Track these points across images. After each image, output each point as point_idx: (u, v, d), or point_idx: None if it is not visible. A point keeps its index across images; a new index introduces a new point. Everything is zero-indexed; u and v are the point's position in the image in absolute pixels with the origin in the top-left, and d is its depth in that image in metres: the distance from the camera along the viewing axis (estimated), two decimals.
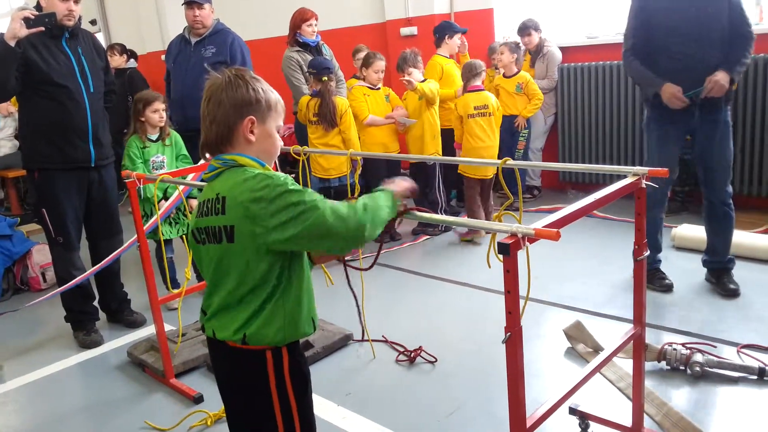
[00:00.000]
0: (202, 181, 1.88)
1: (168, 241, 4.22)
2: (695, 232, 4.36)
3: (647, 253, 2.25)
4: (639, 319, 2.29)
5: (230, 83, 1.69)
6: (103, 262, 3.70)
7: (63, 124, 3.54)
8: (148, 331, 3.85)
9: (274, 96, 1.77)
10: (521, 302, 1.68)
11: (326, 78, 4.78)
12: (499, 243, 1.62)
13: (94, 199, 3.77)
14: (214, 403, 2.99)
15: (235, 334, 1.67)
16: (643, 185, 2.13)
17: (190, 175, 3.45)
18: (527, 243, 1.62)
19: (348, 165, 4.73)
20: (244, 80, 1.70)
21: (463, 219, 2.17)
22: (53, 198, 3.61)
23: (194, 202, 3.91)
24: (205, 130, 1.73)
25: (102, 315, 4.03)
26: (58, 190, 3.61)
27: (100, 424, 2.98)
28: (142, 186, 3.48)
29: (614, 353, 2.22)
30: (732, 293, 3.63)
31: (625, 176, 2.15)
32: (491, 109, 4.93)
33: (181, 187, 3.47)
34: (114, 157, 3.89)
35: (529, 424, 1.81)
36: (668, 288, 3.77)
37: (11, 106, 6.81)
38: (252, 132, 1.71)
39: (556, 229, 1.60)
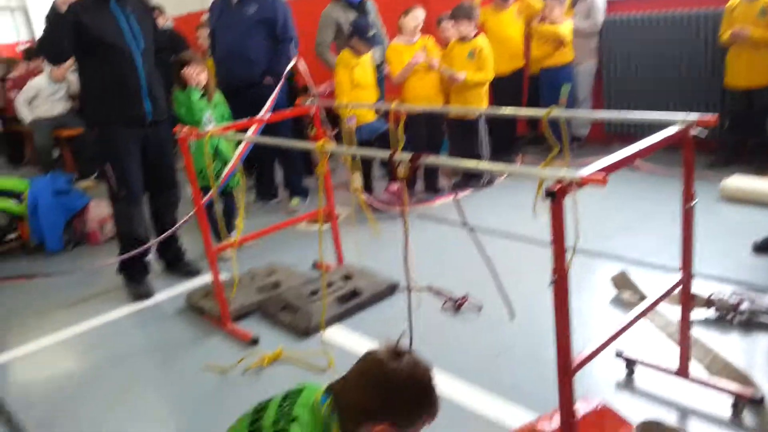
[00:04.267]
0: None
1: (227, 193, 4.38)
2: (745, 183, 4.28)
3: (696, 200, 2.25)
4: (687, 264, 2.31)
5: (395, 383, 1.48)
6: (170, 231, 3.89)
7: (119, 83, 3.67)
8: (201, 281, 4.02)
9: (432, 408, 1.55)
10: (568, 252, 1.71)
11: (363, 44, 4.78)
12: (546, 189, 1.65)
13: (152, 154, 3.89)
14: (269, 344, 3.14)
15: None
16: (693, 133, 2.12)
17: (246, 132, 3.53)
18: (574, 189, 1.65)
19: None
20: (419, 386, 1.51)
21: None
22: (115, 153, 3.75)
23: None
24: (342, 387, 1.55)
25: (156, 266, 4.22)
26: (120, 146, 3.74)
27: (162, 365, 3.17)
28: (194, 141, 3.58)
29: (661, 298, 2.25)
30: None
31: (673, 124, 2.13)
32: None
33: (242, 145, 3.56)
34: (168, 114, 4.01)
35: (574, 364, 1.86)
36: None
37: (65, 71, 7.02)
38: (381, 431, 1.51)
39: (603, 175, 1.63)
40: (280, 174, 5.54)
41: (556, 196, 1.62)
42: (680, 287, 2.34)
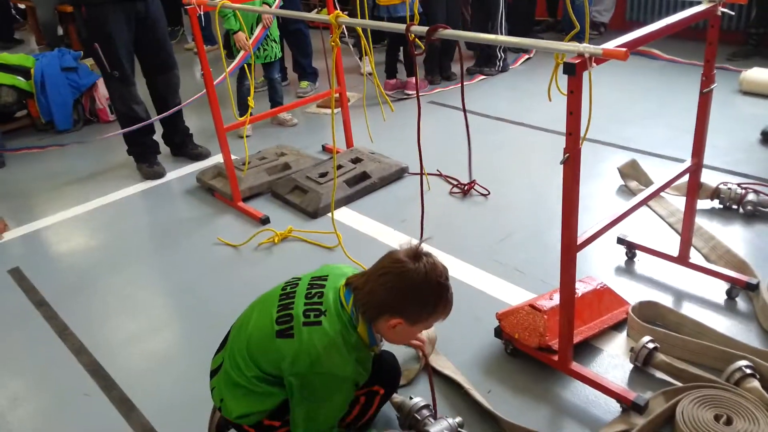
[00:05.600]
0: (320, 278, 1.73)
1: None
2: (765, 76, 4.17)
3: (714, 84, 2.20)
4: (698, 151, 2.29)
5: (412, 282, 1.56)
6: (172, 110, 3.82)
7: None
8: (211, 162, 4.04)
9: (445, 307, 1.64)
10: (582, 127, 1.70)
11: None
12: (565, 63, 1.61)
13: (144, 33, 3.75)
14: (279, 224, 3.21)
15: None
16: (719, 12, 2.04)
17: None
18: (593, 64, 1.61)
19: None
20: (435, 287, 1.58)
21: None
22: (103, 32, 3.62)
23: None
24: (363, 283, 1.61)
25: (165, 149, 4.21)
26: (108, 24, 3.60)
27: (176, 239, 3.26)
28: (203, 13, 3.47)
29: (669, 183, 2.25)
30: None
31: (699, 2, 2.05)
32: None
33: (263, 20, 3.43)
34: None
35: (579, 242, 1.89)
36: None
37: None
38: (394, 327, 1.60)
39: (624, 50, 1.58)
40: (288, 57, 5.42)
41: (575, 70, 1.58)
42: (689, 174, 2.34)
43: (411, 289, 1.56)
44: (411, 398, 1.94)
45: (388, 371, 1.83)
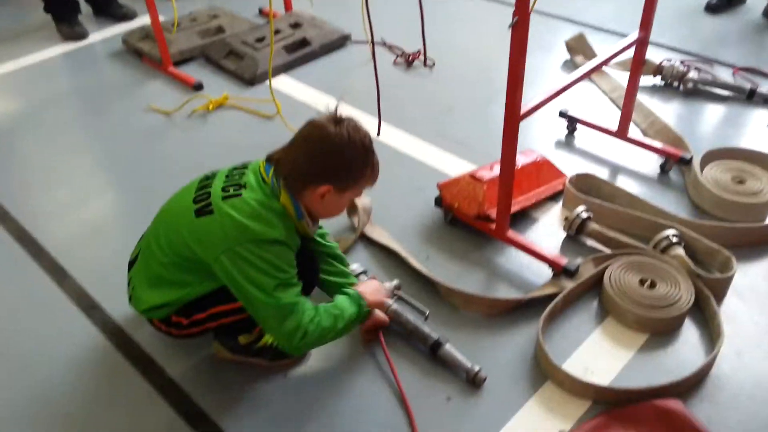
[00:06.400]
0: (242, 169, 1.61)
1: None
2: None
3: None
4: (646, 24, 2.25)
5: (335, 146, 1.49)
6: None
7: None
8: (137, 24, 3.74)
9: (373, 171, 1.58)
10: None
11: None
12: None
13: None
14: (214, 91, 3.05)
15: None
16: None
17: None
18: None
19: None
20: (360, 149, 1.52)
21: None
22: None
23: None
24: (284, 154, 1.54)
25: (86, 9, 3.87)
26: None
27: (102, 106, 3.06)
28: None
29: (614, 56, 2.22)
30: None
31: None
32: None
33: None
34: None
35: (522, 111, 1.86)
36: None
37: None
38: (322, 196, 1.53)
39: None
40: None
41: None
42: (635, 47, 2.31)
43: (335, 153, 1.50)
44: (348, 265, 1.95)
45: (302, 269, 1.62)
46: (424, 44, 3.21)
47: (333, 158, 1.50)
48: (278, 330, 1.52)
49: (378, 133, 2.34)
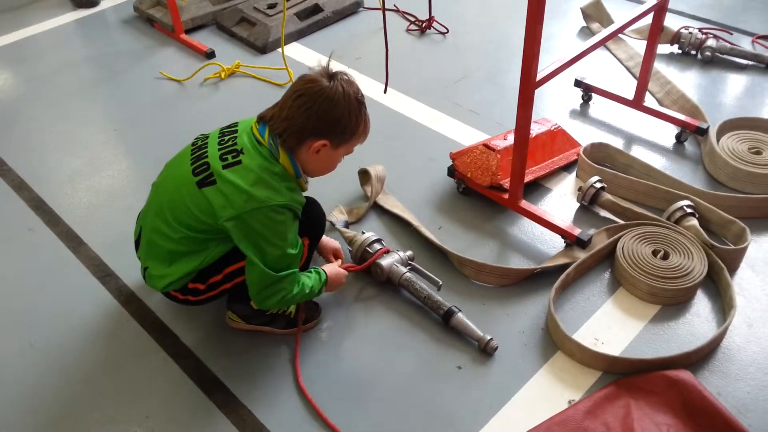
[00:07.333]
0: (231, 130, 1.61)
1: None
2: None
3: None
4: None
5: (330, 100, 1.49)
6: None
7: None
8: None
9: (365, 126, 1.59)
10: None
11: None
12: None
13: None
14: (226, 59, 3.03)
15: None
16: None
17: None
18: None
19: None
20: (354, 103, 1.52)
21: None
22: None
23: None
24: (278, 112, 1.53)
25: None
26: None
27: (115, 73, 3.05)
28: None
29: (632, 22, 2.18)
30: None
31: None
32: None
33: None
34: None
35: (537, 78, 1.84)
36: None
37: None
38: (318, 152, 1.54)
39: None
40: None
41: None
42: (653, 14, 2.26)
43: (332, 106, 1.50)
44: (363, 233, 1.96)
45: (310, 219, 1.72)
46: (430, 8, 3.16)
47: (329, 112, 1.51)
48: (257, 294, 1.57)
49: (385, 91, 2.32)
